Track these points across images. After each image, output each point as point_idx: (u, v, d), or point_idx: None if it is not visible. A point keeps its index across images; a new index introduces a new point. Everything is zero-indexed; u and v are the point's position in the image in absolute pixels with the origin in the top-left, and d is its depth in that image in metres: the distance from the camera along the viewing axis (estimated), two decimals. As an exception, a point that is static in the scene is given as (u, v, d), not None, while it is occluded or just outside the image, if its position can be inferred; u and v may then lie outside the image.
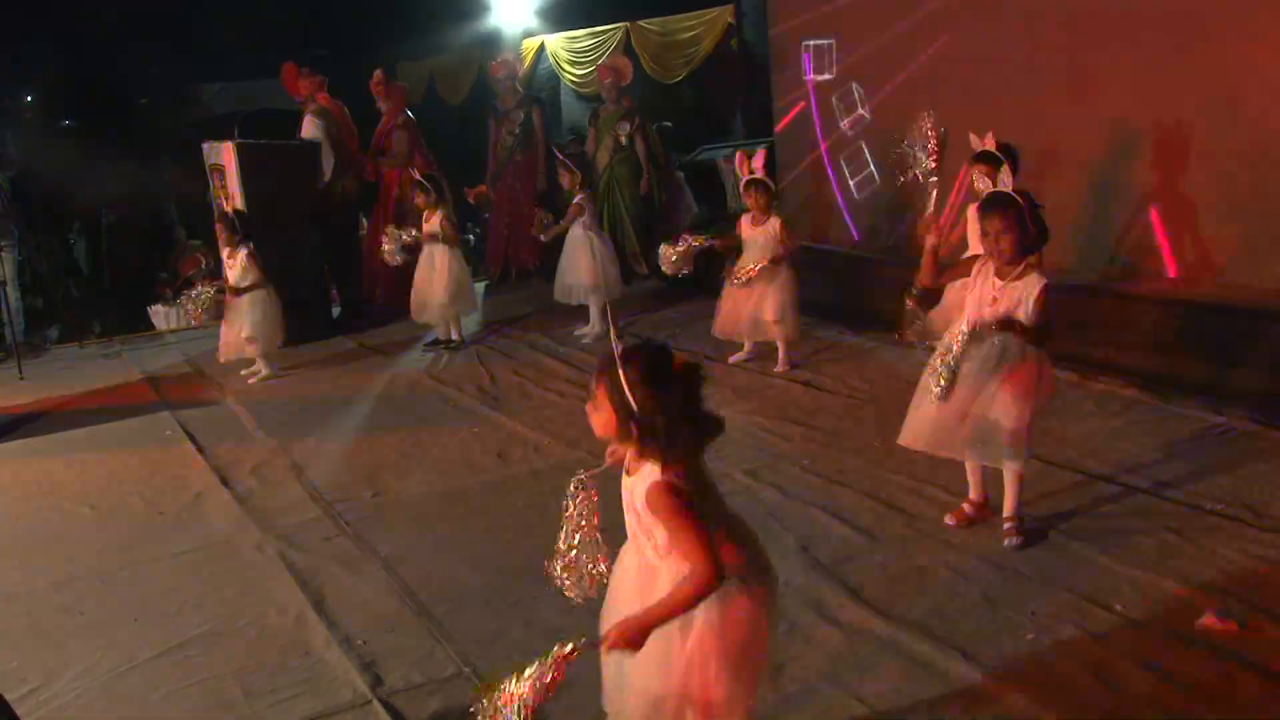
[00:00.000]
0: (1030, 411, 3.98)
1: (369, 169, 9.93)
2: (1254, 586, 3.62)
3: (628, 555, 2.64)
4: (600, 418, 2.47)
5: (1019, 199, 3.91)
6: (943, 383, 3.93)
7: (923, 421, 4.15)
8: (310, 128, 9.37)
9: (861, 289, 8.03)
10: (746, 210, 6.73)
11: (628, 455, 2.53)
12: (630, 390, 2.38)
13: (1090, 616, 3.51)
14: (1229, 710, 2.97)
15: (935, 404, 4.02)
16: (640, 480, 2.47)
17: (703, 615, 2.46)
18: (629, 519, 2.57)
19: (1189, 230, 6.37)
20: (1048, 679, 3.18)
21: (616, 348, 2.41)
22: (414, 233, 8.02)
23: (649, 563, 2.54)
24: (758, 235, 6.66)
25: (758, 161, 6.58)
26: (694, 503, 2.42)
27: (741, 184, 6.68)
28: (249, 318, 7.51)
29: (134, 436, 6.59)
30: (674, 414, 2.38)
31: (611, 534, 2.66)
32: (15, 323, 9.16)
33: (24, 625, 4.14)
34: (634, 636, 2.40)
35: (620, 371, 2.39)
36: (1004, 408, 3.96)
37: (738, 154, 6.84)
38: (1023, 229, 3.90)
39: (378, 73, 10.07)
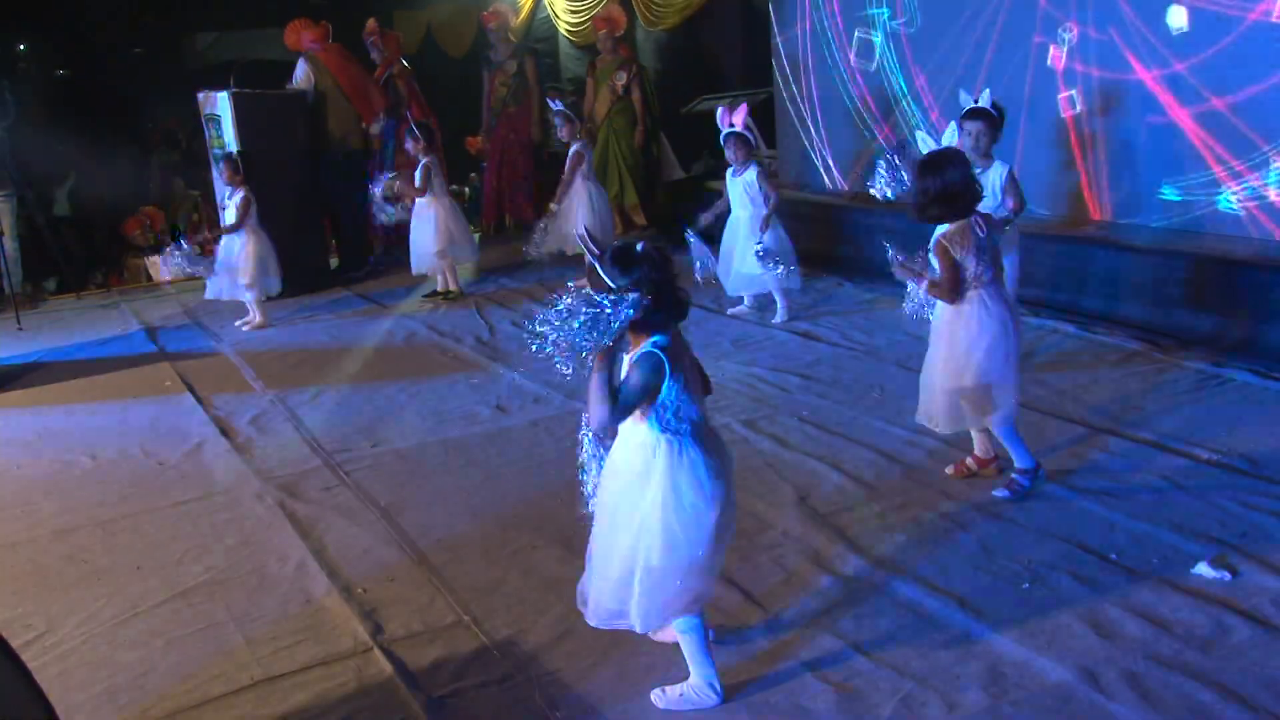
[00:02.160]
0: (978, 374, 3.97)
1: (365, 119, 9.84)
2: (1248, 535, 3.65)
3: (621, 434, 2.93)
4: None
5: (940, 165, 3.86)
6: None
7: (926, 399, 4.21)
8: (296, 77, 9.29)
9: (859, 239, 8.02)
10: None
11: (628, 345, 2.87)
12: (606, 280, 2.77)
13: (1085, 565, 3.54)
14: (1222, 657, 3.00)
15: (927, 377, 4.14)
16: (634, 354, 2.82)
17: (660, 480, 2.81)
18: None
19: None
20: (1042, 627, 3.21)
21: (593, 249, 2.85)
22: (397, 186, 7.99)
23: (628, 437, 2.89)
24: (738, 184, 6.78)
25: (738, 116, 6.67)
26: (657, 375, 2.77)
27: (721, 136, 6.72)
28: (242, 264, 7.55)
29: (133, 387, 6.60)
30: (644, 289, 2.74)
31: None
32: (13, 273, 9.14)
33: (27, 573, 4.16)
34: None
35: (598, 270, 2.80)
36: (953, 373, 4.00)
37: (720, 107, 6.86)
38: (932, 195, 3.85)
39: (371, 22, 9.97)
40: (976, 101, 5.20)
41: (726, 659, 3.13)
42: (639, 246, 2.82)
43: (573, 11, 11.61)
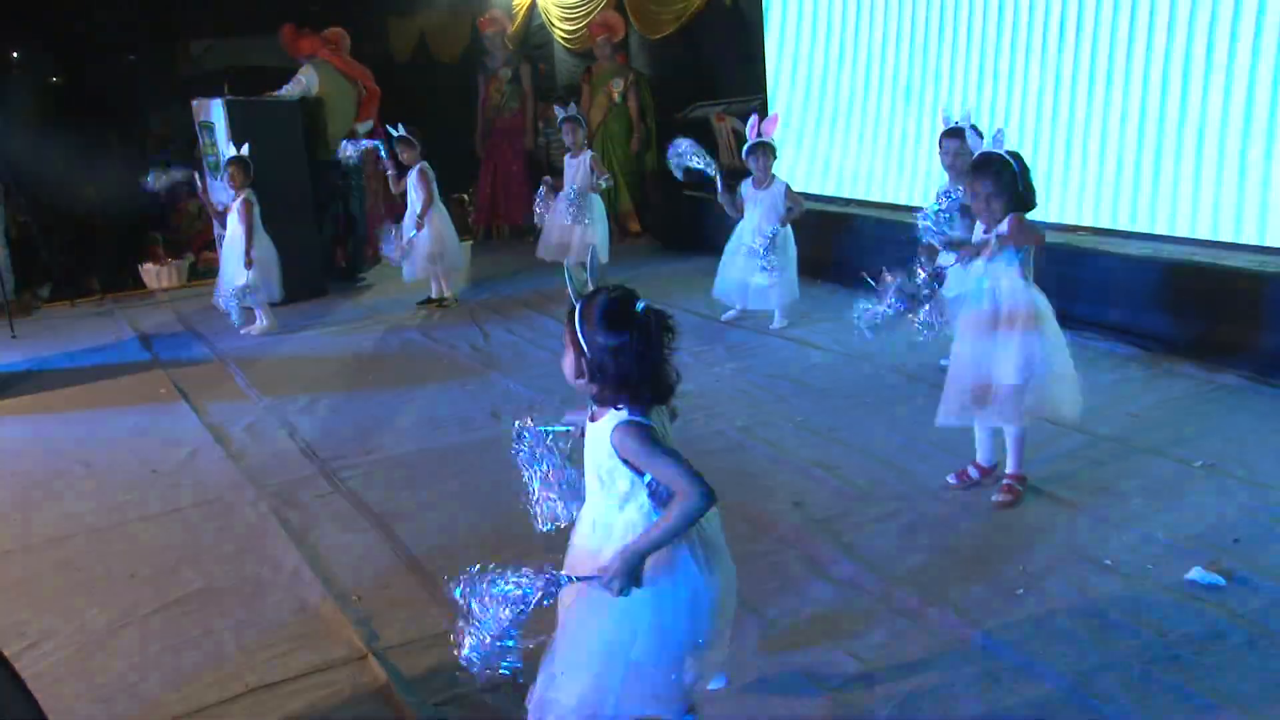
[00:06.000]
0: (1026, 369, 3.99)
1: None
2: (1242, 540, 3.65)
3: (585, 513, 2.61)
4: (566, 360, 2.44)
5: (1011, 161, 3.89)
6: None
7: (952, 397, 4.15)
8: (292, 84, 9.29)
9: (854, 245, 8.02)
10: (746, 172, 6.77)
11: (593, 406, 2.50)
12: (583, 333, 2.36)
13: (1081, 571, 3.55)
14: (1217, 663, 3.00)
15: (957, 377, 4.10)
16: (604, 426, 2.43)
17: (654, 566, 2.42)
18: (588, 473, 2.54)
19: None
20: (1038, 633, 3.21)
21: (578, 288, 2.41)
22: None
23: (604, 519, 2.52)
24: (761, 197, 6.70)
25: (769, 126, 6.61)
26: (661, 439, 2.38)
27: (746, 146, 6.67)
28: (250, 268, 7.57)
29: (127, 395, 6.59)
30: (627, 359, 2.33)
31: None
32: (5, 280, 9.12)
33: (20, 581, 4.15)
34: (628, 564, 2.36)
35: (578, 314, 2.38)
36: (1003, 368, 3.98)
37: (753, 116, 6.79)
38: (1013, 191, 3.88)
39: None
40: (956, 121, 5.15)
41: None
42: (638, 305, 2.35)
43: (567, 19, 11.62)
